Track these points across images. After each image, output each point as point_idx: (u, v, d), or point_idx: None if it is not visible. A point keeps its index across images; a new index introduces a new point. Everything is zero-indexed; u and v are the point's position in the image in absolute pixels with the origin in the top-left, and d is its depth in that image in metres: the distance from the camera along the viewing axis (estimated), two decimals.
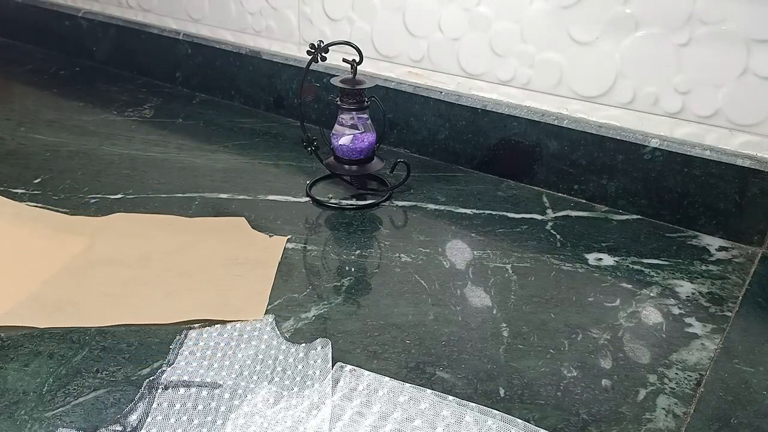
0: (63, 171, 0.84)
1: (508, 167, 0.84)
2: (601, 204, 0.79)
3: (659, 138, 0.74)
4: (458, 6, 0.82)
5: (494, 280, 0.65)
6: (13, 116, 1.01)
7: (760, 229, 0.70)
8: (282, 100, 1.02)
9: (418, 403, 0.48)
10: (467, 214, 0.76)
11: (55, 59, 1.28)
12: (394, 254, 0.68)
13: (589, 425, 0.48)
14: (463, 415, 0.47)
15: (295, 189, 0.81)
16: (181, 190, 0.80)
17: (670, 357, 0.55)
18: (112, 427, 0.47)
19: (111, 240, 0.68)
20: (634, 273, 0.66)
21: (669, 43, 0.70)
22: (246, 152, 0.91)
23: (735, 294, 0.63)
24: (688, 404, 0.50)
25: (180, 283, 0.62)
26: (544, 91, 0.80)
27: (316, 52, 0.75)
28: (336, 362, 0.52)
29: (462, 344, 0.56)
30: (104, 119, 1.01)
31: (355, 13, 0.91)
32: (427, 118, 0.88)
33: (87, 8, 1.25)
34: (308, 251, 0.69)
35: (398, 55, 0.90)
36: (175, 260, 0.65)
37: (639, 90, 0.74)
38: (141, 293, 0.60)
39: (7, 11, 1.37)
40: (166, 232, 0.70)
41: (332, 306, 0.60)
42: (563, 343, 0.56)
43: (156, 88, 1.15)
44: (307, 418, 0.47)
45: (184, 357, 0.53)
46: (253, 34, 1.04)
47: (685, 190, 0.73)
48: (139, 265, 0.64)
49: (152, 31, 1.14)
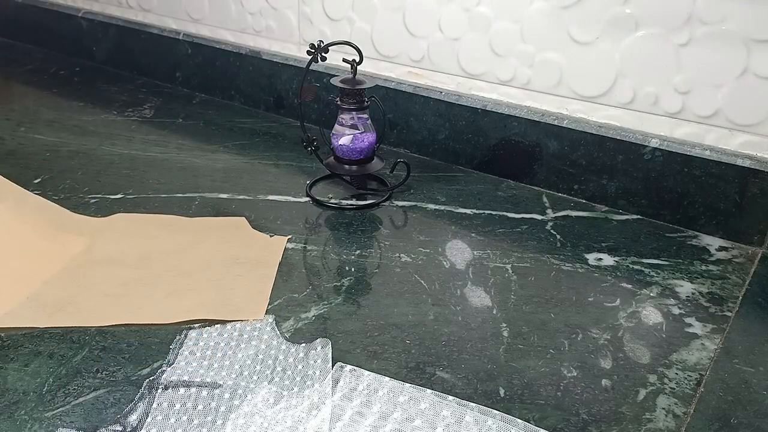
0: (63, 171, 0.84)
1: (508, 167, 0.84)
2: (601, 204, 0.79)
3: (659, 138, 0.74)
4: (458, 6, 0.82)
5: (494, 280, 0.65)
6: (13, 116, 1.01)
7: (760, 229, 0.70)
8: (282, 100, 1.02)
9: (418, 403, 0.48)
10: (467, 214, 0.76)
11: (55, 59, 1.28)
12: (394, 254, 0.68)
13: (589, 425, 0.48)
14: (463, 415, 0.47)
15: (295, 189, 0.81)
16: (181, 190, 0.80)
17: (670, 357, 0.55)
18: (112, 427, 0.47)
19: (111, 240, 0.68)
20: (634, 273, 0.66)
21: (669, 43, 0.70)
22: (246, 152, 0.91)
23: (735, 294, 0.63)
24: (688, 404, 0.50)
25: (180, 282, 0.62)
26: (544, 91, 0.80)
27: (316, 52, 0.75)
28: (336, 362, 0.52)
29: (462, 344, 0.56)
30: (104, 119, 1.01)
31: (355, 13, 0.91)
32: (427, 118, 0.88)
33: (87, 8, 1.25)
34: (308, 251, 0.69)
35: (398, 55, 0.90)
36: (175, 260, 0.65)
37: (639, 90, 0.74)
38: (141, 293, 0.61)
39: (7, 11, 1.37)
40: (167, 232, 0.70)
41: (332, 306, 0.60)
42: (563, 343, 0.56)
43: (156, 88, 1.15)
44: (307, 418, 0.47)
45: (184, 357, 0.53)
46: (253, 34, 1.04)
47: (685, 190, 0.73)
48: (139, 265, 0.64)
49: (152, 31, 1.14)
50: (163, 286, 0.61)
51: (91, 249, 0.66)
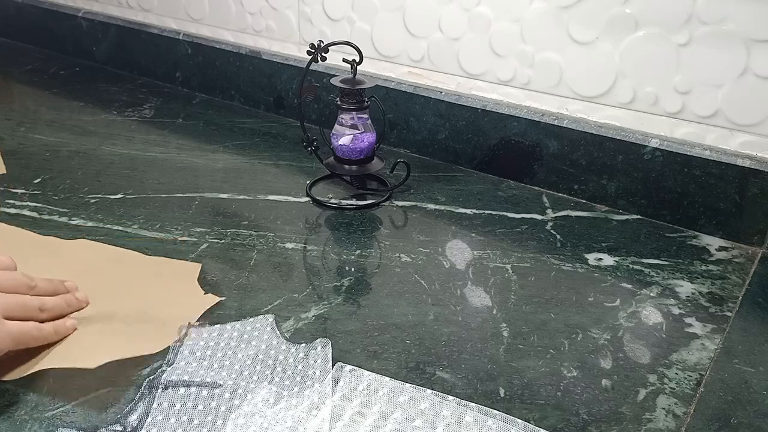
0: (63, 171, 0.84)
1: (508, 167, 0.84)
2: (601, 204, 0.79)
3: (659, 138, 0.74)
4: (458, 6, 0.82)
5: (494, 280, 0.65)
6: (13, 116, 1.01)
7: (760, 229, 0.70)
8: (282, 100, 1.02)
9: (418, 403, 0.48)
10: (467, 214, 0.76)
11: (55, 59, 1.28)
12: (394, 254, 0.68)
13: (589, 425, 0.48)
14: (463, 415, 0.47)
15: (295, 189, 0.81)
16: (181, 190, 0.80)
17: (670, 357, 0.55)
18: (112, 427, 0.47)
19: (59, 266, 0.64)
20: (634, 273, 0.66)
21: (669, 43, 0.70)
22: (246, 152, 0.91)
23: (735, 294, 0.63)
24: (688, 404, 0.50)
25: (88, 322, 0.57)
26: (544, 91, 0.80)
27: (316, 52, 0.75)
28: (336, 362, 0.52)
29: (462, 344, 0.56)
30: (104, 119, 1.01)
31: (355, 13, 0.91)
32: (427, 118, 0.88)
33: (87, 8, 1.25)
34: (308, 251, 0.69)
35: (398, 55, 0.90)
36: (104, 298, 0.60)
37: (639, 90, 0.74)
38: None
39: (7, 11, 1.37)
40: (115, 268, 0.65)
41: (332, 306, 0.60)
42: (563, 343, 0.56)
43: (156, 88, 1.15)
44: (307, 418, 0.47)
45: (184, 357, 0.53)
46: (253, 34, 1.04)
47: (685, 190, 0.73)
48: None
49: (152, 31, 1.14)
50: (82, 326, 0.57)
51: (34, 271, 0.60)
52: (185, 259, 0.66)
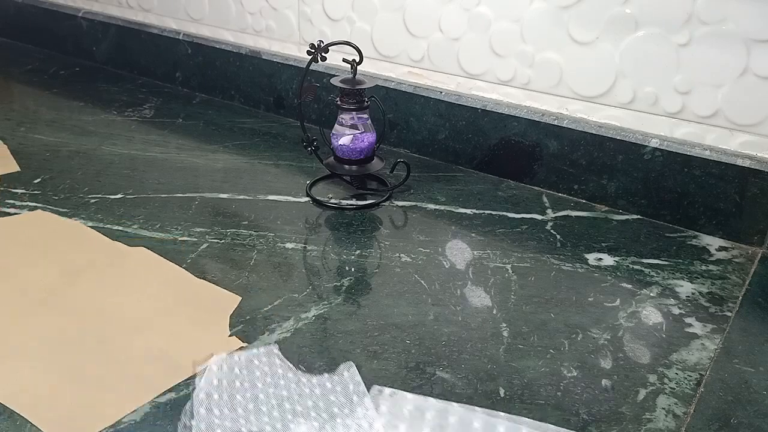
0: (63, 171, 0.84)
1: (508, 167, 0.84)
2: (601, 204, 0.79)
3: (659, 138, 0.74)
4: (458, 6, 0.82)
5: (494, 280, 0.65)
6: (13, 116, 1.01)
7: (760, 229, 0.70)
8: (282, 100, 1.02)
9: (470, 423, 0.47)
10: (467, 214, 0.76)
11: (55, 59, 1.28)
12: (394, 254, 0.68)
13: (589, 425, 0.48)
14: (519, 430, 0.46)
15: (295, 189, 0.81)
16: (181, 190, 0.80)
17: (670, 357, 0.55)
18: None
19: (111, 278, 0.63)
20: (634, 273, 0.66)
21: (669, 43, 0.70)
22: (246, 152, 0.91)
23: (735, 294, 0.63)
24: (688, 404, 0.50)
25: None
26: (544, 91, 0.80)
27: (316, 52, 0.75)
28: (369, 384, 0.50)
29: (462, 344, 0.56)
30: (104, 119, 1.01)
31: (355, 13, 0.91)
32: (427, 118, 0.88)
33: (87, 8, 1.25)
34: (308, 251, 0.69)
35: (398, 55, 0.90)
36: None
37: (639, 90, 0.74)
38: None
39: (7, 11, 1.37)
40: (155, 286, 0.62)
41: (332, 306, 0.60)
42: (563, 343, 0.56)
43: (156, 88, 1.15)
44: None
45: (203, 418, 0.47)
46: (253, 34, 1.04)
47: (685, 190, 0.73)
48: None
49: (152, 31, 1.14)
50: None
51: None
52: (185, 259, 0.66)
